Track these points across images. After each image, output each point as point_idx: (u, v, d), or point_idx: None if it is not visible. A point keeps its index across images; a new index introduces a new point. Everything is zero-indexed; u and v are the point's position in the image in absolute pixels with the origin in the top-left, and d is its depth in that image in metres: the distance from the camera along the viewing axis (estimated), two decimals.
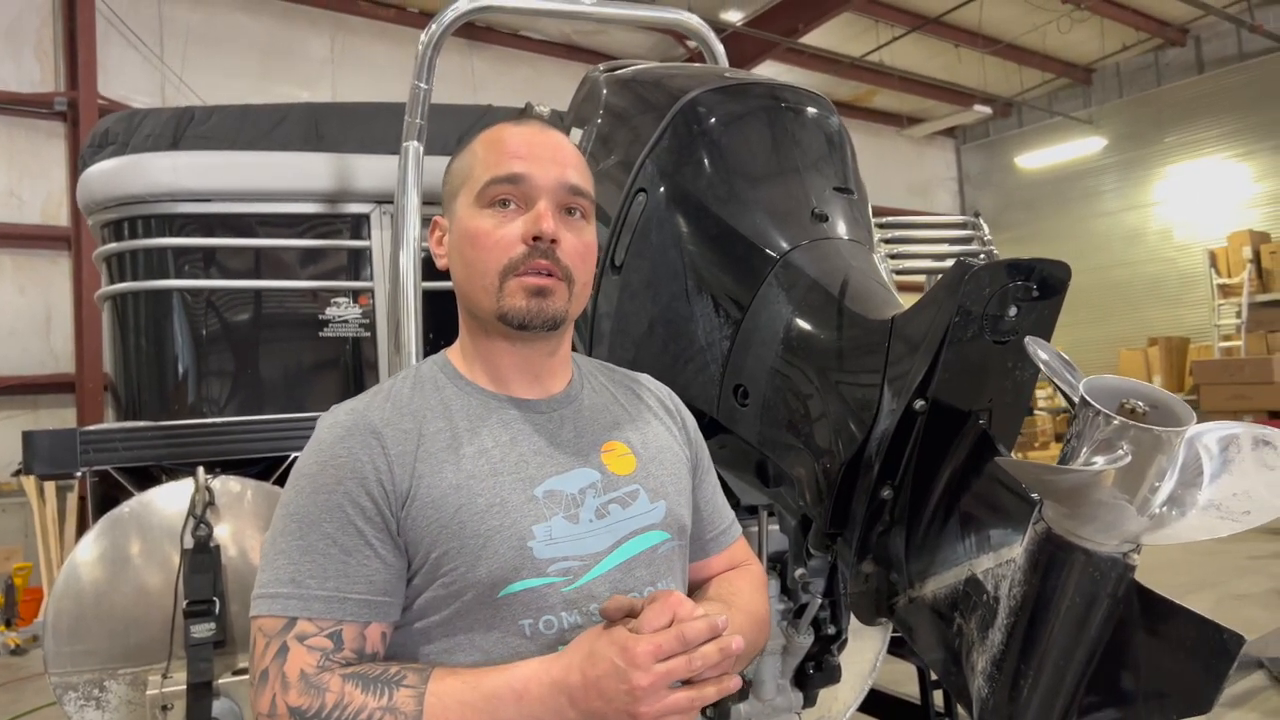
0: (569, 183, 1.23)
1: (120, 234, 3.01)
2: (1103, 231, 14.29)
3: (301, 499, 1.14)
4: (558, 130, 1.32)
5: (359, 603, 1.11)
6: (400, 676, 1.07)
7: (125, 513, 2.48)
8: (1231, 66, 13.24)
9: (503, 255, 1.20)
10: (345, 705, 1.04)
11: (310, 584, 1.10)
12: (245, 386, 3.01)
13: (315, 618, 1.09)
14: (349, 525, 1.12)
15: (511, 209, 1.22)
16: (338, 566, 1.11)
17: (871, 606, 1.51)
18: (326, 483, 1.14)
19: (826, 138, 1.91)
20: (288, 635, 1.09)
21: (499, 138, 1.26)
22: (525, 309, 1.20)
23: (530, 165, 1.22)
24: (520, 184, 1.21)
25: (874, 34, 12.20)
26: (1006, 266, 1.30)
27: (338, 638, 1.09)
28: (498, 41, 11.16)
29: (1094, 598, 1.08)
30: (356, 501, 1.12)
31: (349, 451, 1.15)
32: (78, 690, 2.36)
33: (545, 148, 1.24)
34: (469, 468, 1.16)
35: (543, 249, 1.19)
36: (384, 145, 3.04)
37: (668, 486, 1.30)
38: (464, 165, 1.28)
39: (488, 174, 1.23)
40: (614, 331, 1.93)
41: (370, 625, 1.12)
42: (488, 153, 1.25)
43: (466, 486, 1.15)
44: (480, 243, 1.21)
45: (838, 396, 1.55)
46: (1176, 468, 1.04)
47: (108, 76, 8.70)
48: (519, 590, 1.13)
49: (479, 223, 1.22)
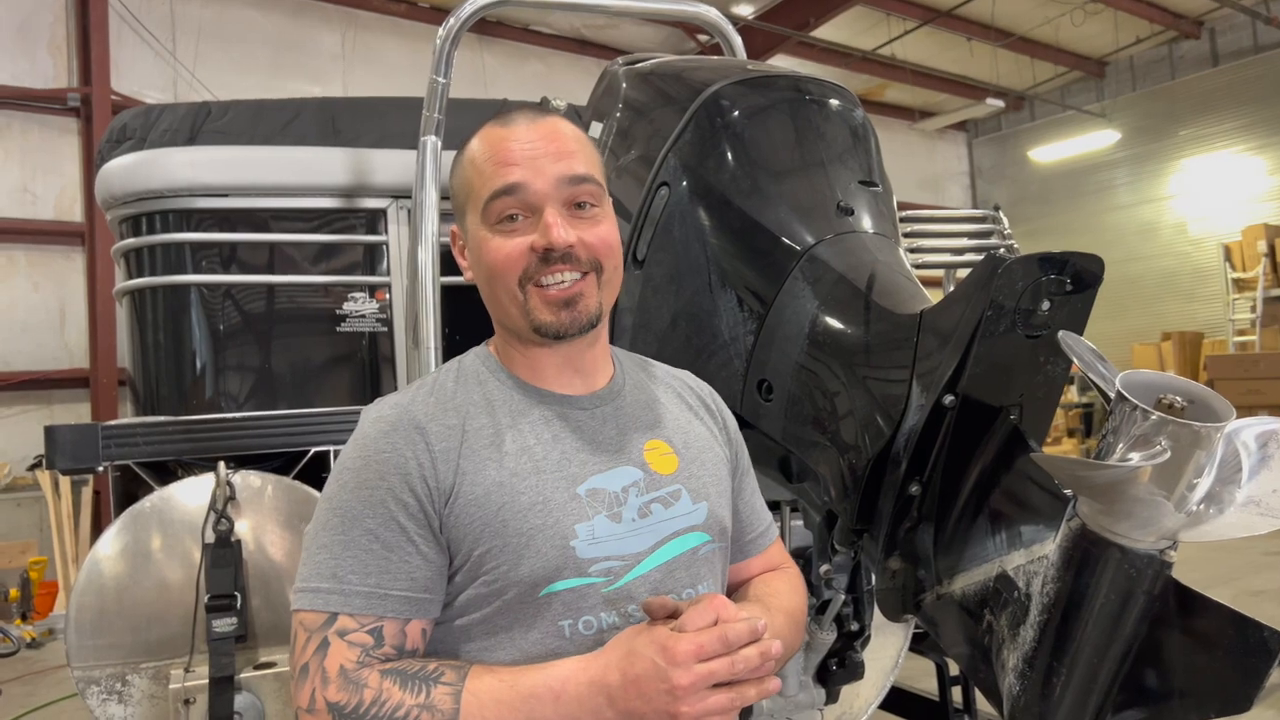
0: (570, 174, 1.19)
1: (138, 229, 3.02)
2: (1116, 226, 14.22)
3: (345, 494, 1.14)
4: (552, 115, 1.27)
5: (400, 599, 1.10)
6: (438, 674, 1.06)
7: (146, 507, 2.49)
8: (1247, 59, 13.15)
9: (516, 268, 1.18)
10: (383, 702, 1.04)
11: (352, 579, 1.10)
12: (263, 381, 3.02)
13: (356, 613, 1.09)
14: (391, 521, 1.11)
15: (520, 221, 1.19)
16: (379, 562, 1.10)
17: (898, 603, 1.50)
18: (370, 478, 1.13)
19: (851, 130, 1.90)
20: (329, 630, 1.08)
21: (492, 143, 1.22)
22: (556, 322, 1.18)
23: (526, 171, 1.18)
24: (520, 193, 1.18)
25: (885, 27, 12.15)
26: (1039, 260, 1.29)
27: (378, 634, 1.09)
28: (509, 36, 11.15)
29: (1129, 595, 1.07)
30: (399, 498, 1.12)
31: (393, 447, 1.14)
32: (100, 684, 2.37)
33: (539, 143, 1.20)
34: (511, 465, 1.15)
35: (557, 257, 1.17)
36: (401, 140, 3.03)
37: (709, 487, 1.28)
38: (464, 178, 1.25)
39: (487, 189, 1.19)
40: (636, 326, 1.93)
41: (411, 622, 1.11)
42: (484, 163, 1.21)
43: (509, 484, 1.14)
44: (493, 260, 1.19)
45: (865, 392, 1.54)
46: (1215, 464, 1.02)
47: (120, 73, 8.73)
48: (560, 590, 1.12)
49: (490, 242, 1.20)
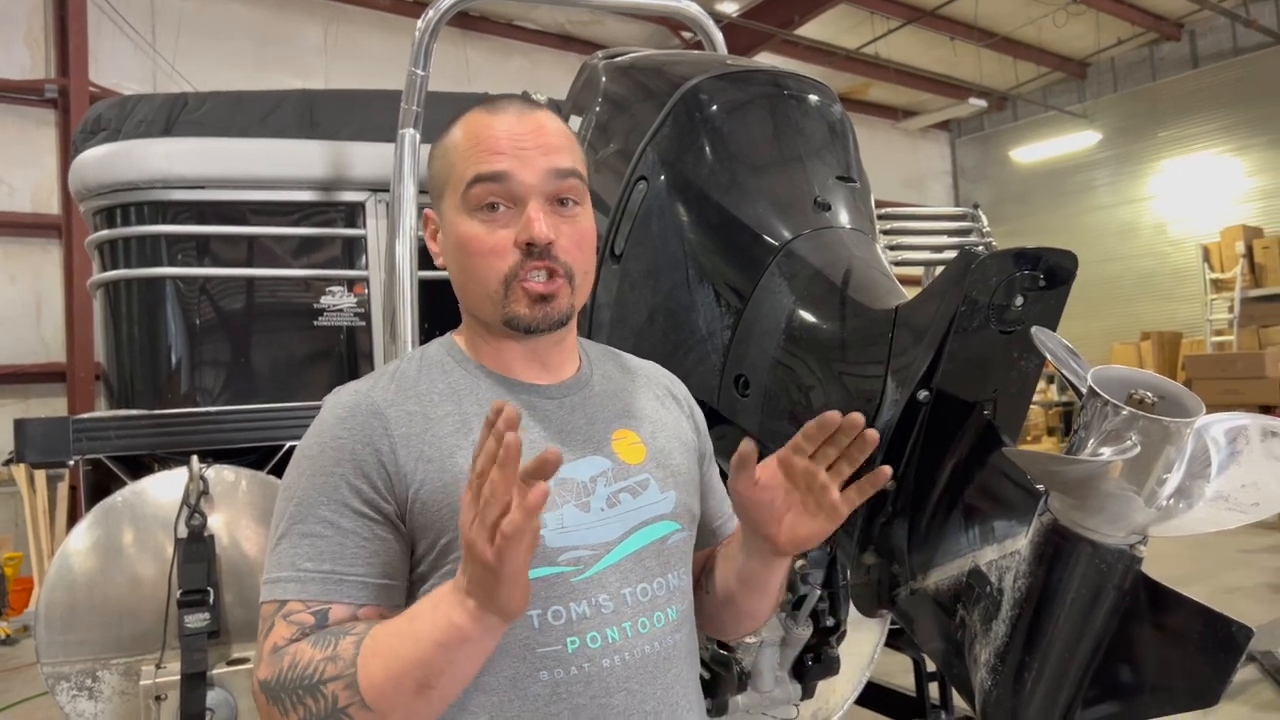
0: (555, 168, 1.19)
1: (113, 221, 2.98)
2: (1097, 226, 14.31)
3: (302, 481, 1.13)
4: (540, 108, 1.26)
5: (355, 584, 1.09)
6: (351, 629, 1.05)
7: (118, 502, 2.46)
8: (1226, 61, 13.25)
9: (500, 263, 1.17)
10: (294, 664, 1.03)
11: (307, 566, 1.09)
12: (239, 375, 2.99)
13: (308, 599, 1.08)
14: (345, 508, 1.10)
15: (500, 211, 1.17)
16: (334, 548, 1.10)
17: (873, 598, 1.50)
18: (325, 464, 1.12)
19: (829, 126, 1.90)
20: (277, 615, 1.09)
21: (478, 129, 1.20)
22: (530, 316, 1.18)
23: (513, 161, 1.17)
24: (505, 182, 1.17)
25: (869, 26, 12.18)
26: (1013, 256, 1.29)
27: (323, 616, 1.08)
28: (492, 31, 11.11)
29: (1100, 589, 1.08)
30: (353, 484, 1.11)
31: (349, 432, 1.13)
32: (70, 680, 2.35)
33: (528, 135, 1.19)
34: None
35: (538, 252, 1.17)
36: (380, 133, 3.01)
37: (678, 476, 1.28)
38: (445, 161, 1.23)
39: (470, 172, 1.18)
40: (614, 321, 1.92)
41: (364, 608, 1.10)
42: (469, 148, 1.20)
43: None
44: (473, 249, 1.18)
45: (840, 387, 1.54)
46: (1185, 459, 1.03)
47: (99, 64, 8.64)
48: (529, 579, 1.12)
49: (469, 229, 1.18)
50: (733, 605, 1.34)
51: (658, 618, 1.18)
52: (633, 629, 1.15)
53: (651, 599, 1.18)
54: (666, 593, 1.20)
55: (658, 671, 1.17)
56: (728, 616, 1.37)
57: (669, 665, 1.18)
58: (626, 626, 1.15)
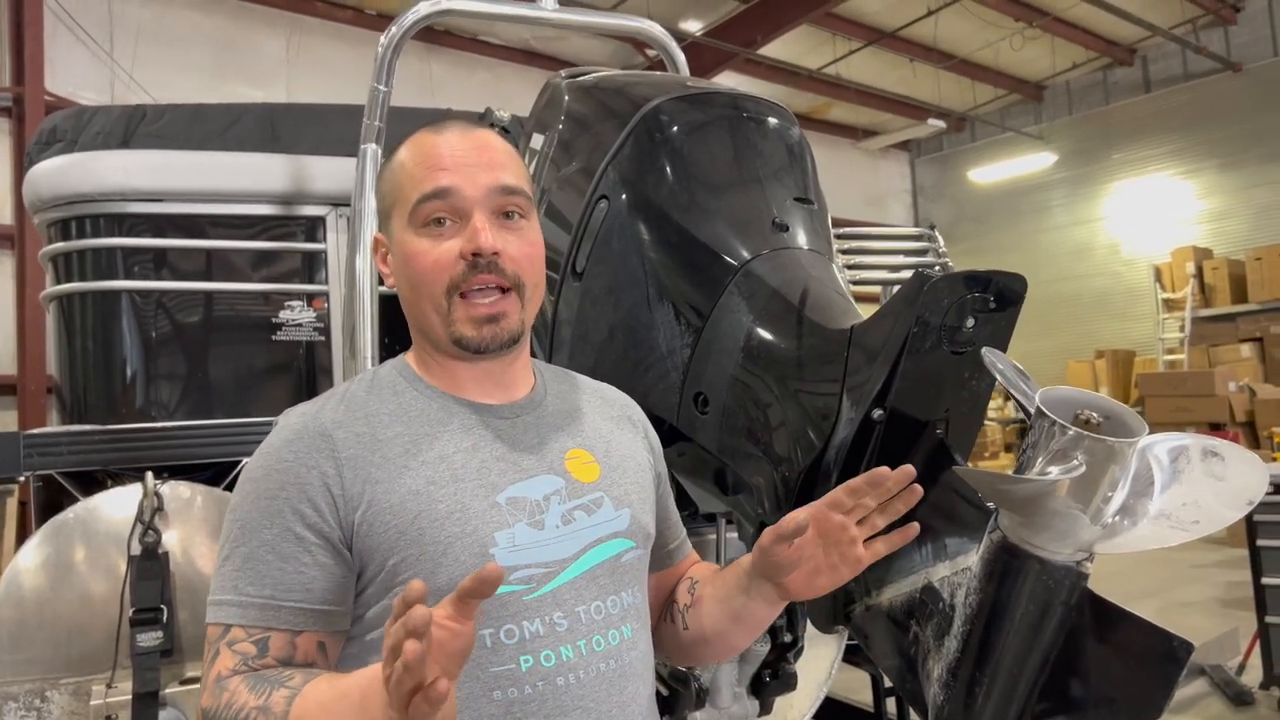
0: (500, 184, 1.20)
1: (68, 233, 2.94)
2: (1052, 245, 14.57)
3: (246, 504, 1.13)
4: (482, 128, 1.28)
5: (292, 610, 1.09)
6: (288, 678, 1.05)
7: (70, 518, 2.42)
8: (1177, 86, 13.58)
9: (443, 275, 1.18)
10: (230, 704, 1.03)
11: (249, 590, 1.10)
12: (196, 390, 2.96)
13: (248, 624, 1.09)
14: (288, 533, 1.10)
15: (447, 226, 1.18)
16: (275, 574, 1.10)
17: (828, 614, 1.52)
18: (270, 488, 1.12)
19: (787, 148, 1.92)
20: (221, 641, 1.09)
21: (423, 150, 1.21)
22: (478, 337, 1.19)
23: (457, 176, 1.18)
24: (450, 198, 1.18)
25: (831, 47, 12.35)
26: (964, 278, 1.32)
27: (263, 645, 1.08)
28: (456, 46, 11.11)
29: (1048, 605, 1.10)
30: (297, 508, 1.11)
31: (295, 456, 1.13)
32: (18, 700, 2.29)
33: (471, 152, 1.20)
34: (429, 473, 1.14)
35: (484, 264, 1.17)
36: (341, 147, 3.00)
37: (632, 495, 1.28)
38: (393, 182, 1.24)
39: (416, 191, 1.19)
40: (574, 338, 1.93)
41: (302, 634, 1.10)
42: (415, 167, 1.21)
43: (426, 492, 1.13)
44: (419, 264, 1.19)
45: (797, 405, 1.56)
46: (1129, 478, 1.06)
47: (55, 72, 8.52)
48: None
49: (415, 245, 1.19)
50: (722, 640, 1.34)
51: (612, 635, 1.18)
52: (587, 647, 1.15)
53: (606, 616, 1.18)
54: (621, 610, 1.20)
55: (613, 689, 1.16)
56: (708, 651, 1.37)
57: (624, 683, 1.18)
58: (581, 644, 1.14)
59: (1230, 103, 12.94)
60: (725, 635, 1.33)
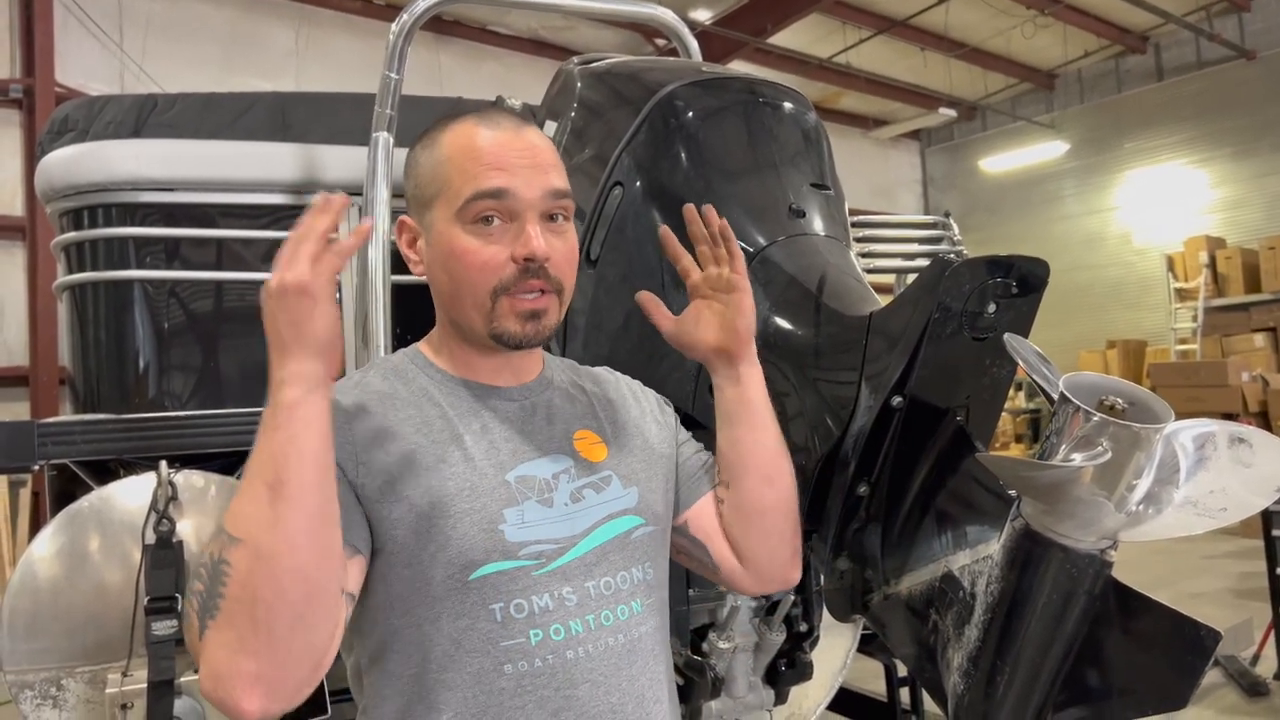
0: (552, 188, 1.21)
1: (80, 223, 2.94)
2: (1064, 235, 14.49)
3: None
4: (530, 125, 1.28)
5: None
6: None
7: (84, 507, 2.43)
8: (1190, 74, 13.46)
9: (493, 276, 1.18)
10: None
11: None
12: (208, 380, 2.96)
13: None
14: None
15: (496, 225, 1.18)
16: None
17: (846, 603, 1.51)
18: None
19: (803, 133, 1.91)
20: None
21: (473, 144, 1.21)
22: (520, 332, 1.20)
23: (512, 178, 1.18)
24: (505, 199, 1.18)
25: (841, 35, 12.28)
26: (986, 263, 1.31)
27: None
28: (465, 36, 11.08)
29: (1071, 594, 1.09)
30: None
31: None
32: (34, 689, 2.31)
33: (524, 154, 1.21)
34: (439, 453, 1.16)
35: (535, 269, 1.18)
36: (352, 136, 2.99)
37: (639, 473, 1.29)
38: (437, 172, 1.23)
39: (468, 188, 1.18)
40: (589, 326, 1.92)
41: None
42: (465, 161, 1.20)
43: (437, 470, 1.14)
44: (467, 262, 1.19)
45: (815, 393, 1.54)
46: (1154, 465, 1.04)
47: (65, 64, 8.53)
48: (490, 573, 1.12)
49: (463, 241, 1.19)
50: (744, 470, 1.33)
51: (621, 610, 1.20)
52: (596, 621, 1.17)
53: (615, 592, 1.20)
54: (631, 586, 1.22)
55: (623, 664, 1.18)
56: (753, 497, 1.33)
57: (634, 658, 1.20)
58: (590, 619, 1.16)
59: (1244, 91, 12.81)
60: (739, 446, 1.34)
